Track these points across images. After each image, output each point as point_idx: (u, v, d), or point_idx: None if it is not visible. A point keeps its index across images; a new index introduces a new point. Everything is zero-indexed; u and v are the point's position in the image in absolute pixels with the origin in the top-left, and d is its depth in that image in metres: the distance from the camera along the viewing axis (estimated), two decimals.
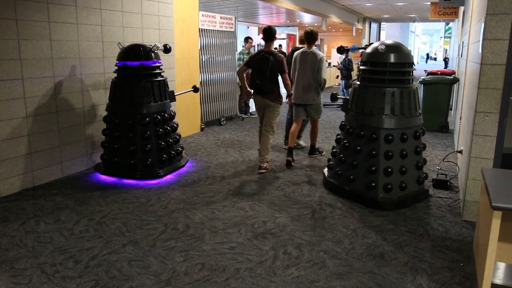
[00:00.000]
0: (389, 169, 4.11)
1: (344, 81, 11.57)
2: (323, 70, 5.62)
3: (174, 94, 5.48)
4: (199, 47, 7.71)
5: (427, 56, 50.21)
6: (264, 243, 3.39)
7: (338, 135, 4.77)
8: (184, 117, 7.25)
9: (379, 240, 3.47)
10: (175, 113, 5.44)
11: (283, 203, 4.28)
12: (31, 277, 2.86)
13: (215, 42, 8.29)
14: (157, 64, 5.14)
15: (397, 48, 4.29)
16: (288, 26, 21.78)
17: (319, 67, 5.59)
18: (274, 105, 5.20)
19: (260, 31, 22.10)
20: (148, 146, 4.93)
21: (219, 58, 8.45)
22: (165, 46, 5.21)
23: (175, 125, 5.39)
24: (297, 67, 5.76)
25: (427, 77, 8.15)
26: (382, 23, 29.54)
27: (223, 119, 8.68)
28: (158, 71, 5.16)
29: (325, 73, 5.67)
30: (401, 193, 4.18)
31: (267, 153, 5.29)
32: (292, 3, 12.79)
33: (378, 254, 3.23)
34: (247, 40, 9.48)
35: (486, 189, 2.56)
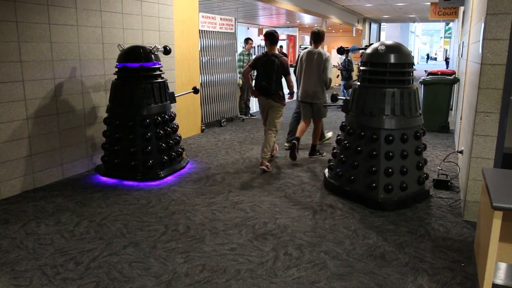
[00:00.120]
0: (390, 170, 4.11)
1: (344, 81, 11.56)
2: (329, 69, 5.75)
3: (174, 96, 5.49)
4: (199, 49, 7.71)
5: (427, 57, 50.20)
6: (264, 244, 3.39)
7: (338, 135, 4.77)
8: (185, 118, 7.26)
9: (380, 240, 3.47)
10: (175, 115, 5.44)
11: (283, 204, 4.28)
12: (32, 279, 2.86)
13: (215, 44, 8.30)
14: (157, 66, 5.14)
15: (397, 48, 4.29)
16: (288, 27, 21.80)
17: (324, 66, 5.70)
18: (278, 105, 5.42)
19: (260, 32, 22.18)
20: (149, 148, 4.93)
21: (219, 59, 8.45)
22: (165, 47, 5.21)
23: (175, 126, 5.40)
24: (303, 66, 5.87)
25: (427, 78, 8.15)
26: (382, 24, 29.58)
27: (223, 120, 8.68)
28: (158, 72, 5.16)
29: (330, 72, 5.79)
30: (401, 193, 4.18)
31: (269, 150, 5.40)
32: (292, 4, 12.80)
33: (379, 255, 3.23)
34: (247, 41, 9.49)
35: (487, 189, 2.55)
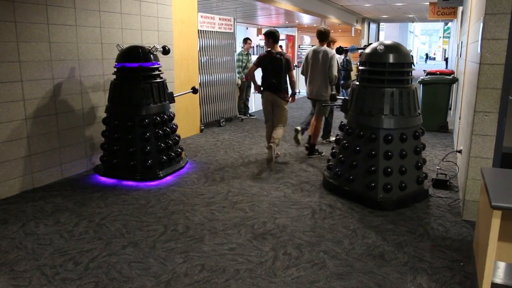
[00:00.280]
0: (389, 169, 4.12)
1: (342, 81, 11.55)
2: (334, 66, 5.90)
3: (173, 96, 5.48)
4: (198, 49, 7.71)
5: (426, 56, 50.22)
6: (264, 244, 3.39)
7: (337, 135, 4.77)
8: (184, 118, 7.26)
9: (379, 240, 3.47)
10: (174, 115, 5.44)
11: (282, 203, 4.28)
12: (31, 279, 2.86)
13: (214, 43, 8.29)
14: (156, 66, 5.14)
15: (396, 48, 4.29)
16: (287, 27, 21.80)
17: (330, 64, 5.85)
18: (284, 102, 5.71)
19: (259, 32, 22.16)
20: (148, 148, 4.93)
21: (218, 59, 8.45)
22: (164, 47, 5.21)
23: (174, 126, 5.40)
24: (309, 64, 6.04)
25: (426, 77, 8.16)
26: (381, 24, 29.59)
27: (222, 120, 8.68)
28: (157, 72, 5.16)
29: (336, 69, 5.93)
30: (400, 193, 4.18)
31: (279, 138, 5.66)
32: (290, 4, 12.79)
33: (378, 254, 3.23)
34: (246, 41, 9.49)
35: (485, 188, 2.56)
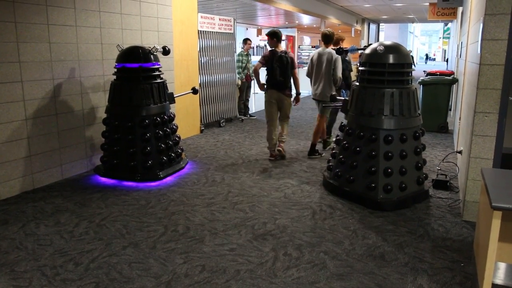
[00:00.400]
0: (389, 170, 4.12)
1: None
2: (339, 68, 5.98)
3: (174, 96, 5.48)
4: (198, 49, 7.71)
5: (426, 57, 50.21)
6: (264, 244, 3.39)
7: (337, 136, 4.77)
8: (184, 119, 7.26)
9: (380, 240, 3.47)
10: (174, 115, 5.44)
11: (283, 204, 4.28)
12: (31, 279, 2.86)
13: (214, 44, 8.30)
14: (156, 66, 5.14)
15: (396, 48, 4.29)
16: (287, 28, 21.80)
17: (335, 65, 5.95)
18: (289, 99, 5.99)
19: (259, 32, 22.18)
20: (148, 148, 4.93)
21: (218, 59, 8.45)
22: (164, 48, 5.21)
23: (174, 127, 5.40)
24: (314, 66, 6.15)
25: (426, 78, 8.16)
26: (380, 24, 29.60)
27: (222, 120, 8.68)
28: (157, 73, 5.16)
29: (340, 71, 6.02)
30: (401, 193, 4.18)
31: (287, 134, 6.06)
32: (290, 4, 12.80)
33: (379, 255, 3.23)
34: (245, 41, 9.49)
35: (486, 189, 2.56)
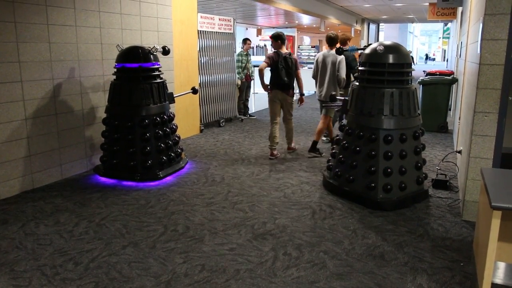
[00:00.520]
0: (389, 170, 4.12)
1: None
2: (343, 69, 6.07)
3: (173, 96, 5.48)
4: (198, 49, 7.71)
5: (426, 57, 50.22)
6: (264, 244, 3.39)
7: (337, 136, 4.77)
8: (183, 118, 7.26)
9: (379, 240, 3.48)
10: (174, 115, 5.44)
11: (282, 204, 4.28)
12: (31, 279, 2.86)
13: (214, 44, 8.29)
14: (156, 66, 5.14)
15: (395, 48, 4.30)
16: (287, 28, 21.81)
17: (339, 67, 6.05)
18: (292, 98, 6.18)
19: (259, 32, 22.20)
20: (148, 148, 4.93)
21: (218, 59, 8.45)
22: (164, 48, 5.21)
23: (174, 126, 5.40)
24: (319, 68, 6.26)
25: (426, 78, 8.16)
26: (380, 24, 29.61)
27: (222, 120, 8.68)
28: (157, 73, 5.16)
29: (344, 72, 6.10)
30: (400, 193, 4.19)
31: (292, 134, 6.39)
32: (290, 4, 12.81)
33: (378, 255, 3.23)
34: (245, 41, 9.49)
35: (485, 189, 2.56)
